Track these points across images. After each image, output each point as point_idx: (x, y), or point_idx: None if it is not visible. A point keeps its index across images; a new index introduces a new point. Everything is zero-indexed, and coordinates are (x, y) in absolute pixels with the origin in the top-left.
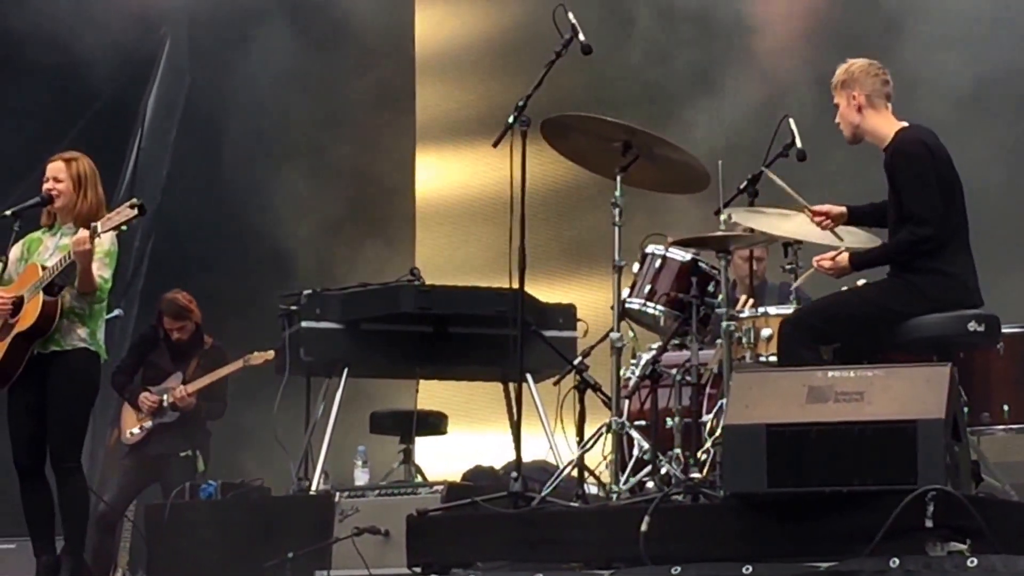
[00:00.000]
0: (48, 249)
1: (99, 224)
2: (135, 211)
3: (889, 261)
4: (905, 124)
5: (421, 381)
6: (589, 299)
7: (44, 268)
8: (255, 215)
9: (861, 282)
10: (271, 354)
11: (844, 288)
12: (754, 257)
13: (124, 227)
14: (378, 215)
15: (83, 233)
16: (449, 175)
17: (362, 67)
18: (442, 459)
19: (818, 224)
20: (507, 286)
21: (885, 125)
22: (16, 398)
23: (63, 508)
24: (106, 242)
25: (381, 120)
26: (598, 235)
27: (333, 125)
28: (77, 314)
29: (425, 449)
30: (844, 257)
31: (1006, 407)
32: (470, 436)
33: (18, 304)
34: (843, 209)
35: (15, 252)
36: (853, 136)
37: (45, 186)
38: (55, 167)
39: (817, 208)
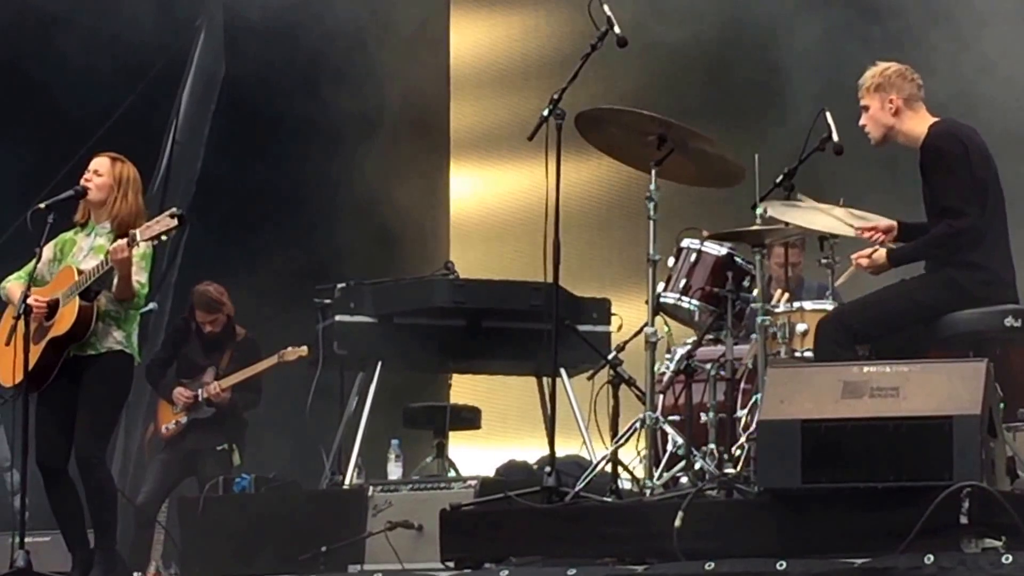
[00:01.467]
0: (82, 250)
1: (138, 232)
2: (175, 221)
3: (927, 256)
4: (938, 119)
5: (454, 375)
6: (622, 294)
7: (80, 272)
8: (290, 208)
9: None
10: (305, 350)
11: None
12: (789, 260)
13: (164, 237)
14: (413, 217)
15: (121, 242)
16: (483, 192)
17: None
18: (475, 453)
19: (870, 239)
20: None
21: (920, 124)
22: (45, 399)
23: (91, 503)
24: (142, 245)
25: (415, 129)
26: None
27: (368, 122)
28: (113, 317)
29: (458, 443)
30: (882, 253)
31: None
32: (503, 431)
33: (53, 307)
34: (892, 223)
35: (48, 252)
36: (884, 138)
37: (83, 178)
38: (99, 161)
39: (864, 227)
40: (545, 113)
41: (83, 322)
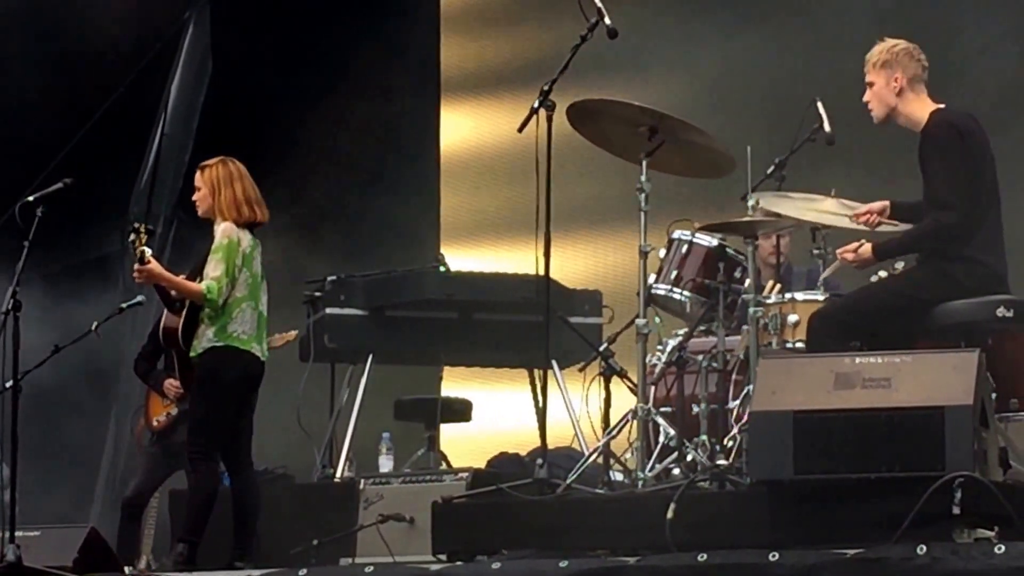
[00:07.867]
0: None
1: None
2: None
3: (913, 249)
4: (939, 106)
5: (445, 368)
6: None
7: None
8: (278, 204)
9: (893, 268)
10: (292, 334)
11: (873, 278)
12: (780, 248)
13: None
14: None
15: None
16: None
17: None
18: (467, 446)
19: (866, 224)
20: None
21: (921, 108)
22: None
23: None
24: (220, 235)
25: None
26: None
27: (355, 114)
28: (201, 319)
29: (450, 436)
30: (867, 248)
31: None
32: (494, 423)
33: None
34: (885, 203)
35: None
36: (886, 117)
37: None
38: (196, 177)
39: (858, 212)
40: (536, 104)
41: (168, 333)
